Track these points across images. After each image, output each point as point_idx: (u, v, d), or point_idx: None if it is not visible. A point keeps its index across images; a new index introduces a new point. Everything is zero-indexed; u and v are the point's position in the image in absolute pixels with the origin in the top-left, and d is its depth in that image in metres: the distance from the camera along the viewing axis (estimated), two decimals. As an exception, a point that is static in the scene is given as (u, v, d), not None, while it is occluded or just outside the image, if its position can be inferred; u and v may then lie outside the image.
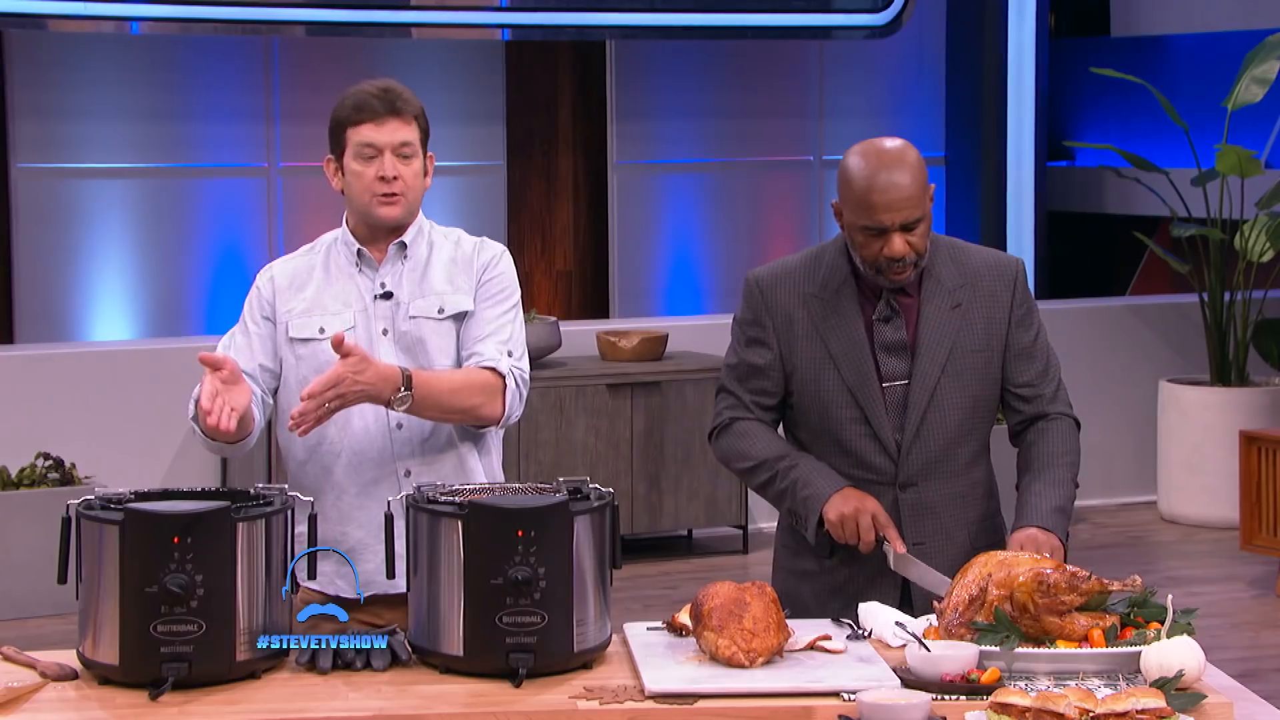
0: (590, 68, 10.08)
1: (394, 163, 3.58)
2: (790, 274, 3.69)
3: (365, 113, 3.59)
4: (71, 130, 9.17)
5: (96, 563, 3.05)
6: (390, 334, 3.61)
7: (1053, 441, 3.70)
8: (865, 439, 3.63)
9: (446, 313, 3.63)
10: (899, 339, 3.62)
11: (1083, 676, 3.09)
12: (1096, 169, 10.31)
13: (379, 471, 3.58)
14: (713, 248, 10.34)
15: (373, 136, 3.58)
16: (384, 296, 3.63)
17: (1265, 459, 7.68)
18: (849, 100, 10.53)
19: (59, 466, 7.43)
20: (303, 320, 3.62)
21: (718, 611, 3.14)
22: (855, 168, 3.54)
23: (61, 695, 3.04)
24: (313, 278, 3.66)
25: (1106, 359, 9.35)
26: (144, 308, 9.30)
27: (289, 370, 3.63)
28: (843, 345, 3.62)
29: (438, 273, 3.66)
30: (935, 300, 3.64)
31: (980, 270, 3.68)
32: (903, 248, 3.52)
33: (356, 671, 3.12)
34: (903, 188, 3.51)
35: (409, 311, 3.62)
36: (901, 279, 3.57)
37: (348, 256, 3.66)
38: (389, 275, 3.64)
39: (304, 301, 3.63)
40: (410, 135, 3.60)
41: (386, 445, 3.59)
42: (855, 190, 3.53)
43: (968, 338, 3.65)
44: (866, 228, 3.52)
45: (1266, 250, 8.72)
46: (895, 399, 3.62)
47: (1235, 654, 6.64)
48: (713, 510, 8.28)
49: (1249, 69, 8.79)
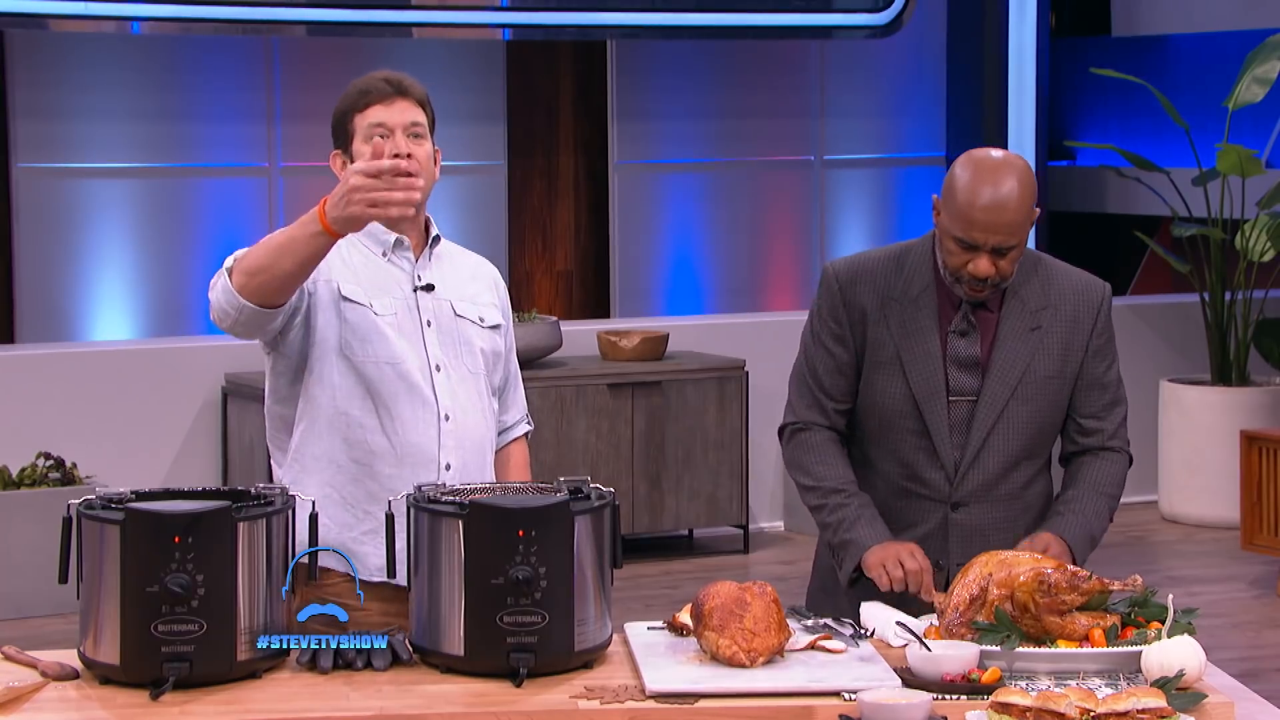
0: (591, 67, 10.08)
1: (406, 142, 3.54)
2: (871, 271, 3.59)
3: (373, 95, 3.56)
4: (72, 130, 9.17)
5: (97, 562, 3.05)
6: (435, 326, 3.57)
7: (1104, 473, 3.64)
8: (923, 453, 3.56)
9: (486, 323, 3.64)
10: (972, 355, 3.55)
11: (1083, 676, 3.09)
12: (1097, 169, 10.31)
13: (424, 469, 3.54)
14: (713, 247, 10.34)
15: (383, 116, 3.54)
16: (425, 289, 3.59)
17: (1266, 459, 7.68)
18: (849, 100, 10.53)
19: (60, 466, 7.43)
20: (354, 288, 3.53)
21: (718, 611, 3.14)
22: (965, 176, 3.44)
23: (62, 695, 3.04)
24: (350, 254, 3.56)
25: (1107, 359, 9.34)
26: (145, 308, 9.30)
27: (329, 330, 3.50)
28: (915, 354, 3.54)
29: (465, 277, 3.66)
30: (1015, 320, 3.56)
31: (1066, 293, 3.60)
32: (988, 269, 3.44)
33: (357, 671, 3.11)
34: (1007, 211, 3.41)
35: (455, 309, 3.60)
36: (978, 297, 3.50)
37: (374, 245, 3.57)
38: (424, 269, 3.60)
39: (351, 271, 3.54)
40: (420, 117, 3.58)
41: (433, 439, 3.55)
42: (959, 200, 3.43)
43: (1043, 362, 3.57)
44: (959, 239, 3.44)
45: (1267, 250, 8.72)
46: (960, 416, 3.55)
47: (1236, 654, 6.64)
48: (713, 510, 8.28)
49: (1250, 69, 8.80)
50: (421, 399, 3.52)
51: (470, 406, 3.57)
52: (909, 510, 3.60)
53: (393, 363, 3.51)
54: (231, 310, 3.35)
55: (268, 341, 3.53)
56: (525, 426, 3.80)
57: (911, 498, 3.58)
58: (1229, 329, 8.88)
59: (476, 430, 3.58)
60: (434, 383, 3.54)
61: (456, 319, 3.60)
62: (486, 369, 3.62)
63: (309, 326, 3.51)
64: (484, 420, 3.61)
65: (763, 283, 10.42)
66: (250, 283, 3.31)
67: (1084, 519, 3.58)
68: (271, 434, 3.64)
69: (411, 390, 3.51)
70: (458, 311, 3.60)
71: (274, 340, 3.52)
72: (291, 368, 3.55)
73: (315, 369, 3.51)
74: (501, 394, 3.71)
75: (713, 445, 8.24)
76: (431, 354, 3.55)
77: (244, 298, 3.32)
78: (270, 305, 3.34)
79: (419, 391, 3.52)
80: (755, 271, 10.43)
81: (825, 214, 10.53)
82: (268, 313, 3.36)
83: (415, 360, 3.53)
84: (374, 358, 3.51)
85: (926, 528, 3.56)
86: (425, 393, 3.52)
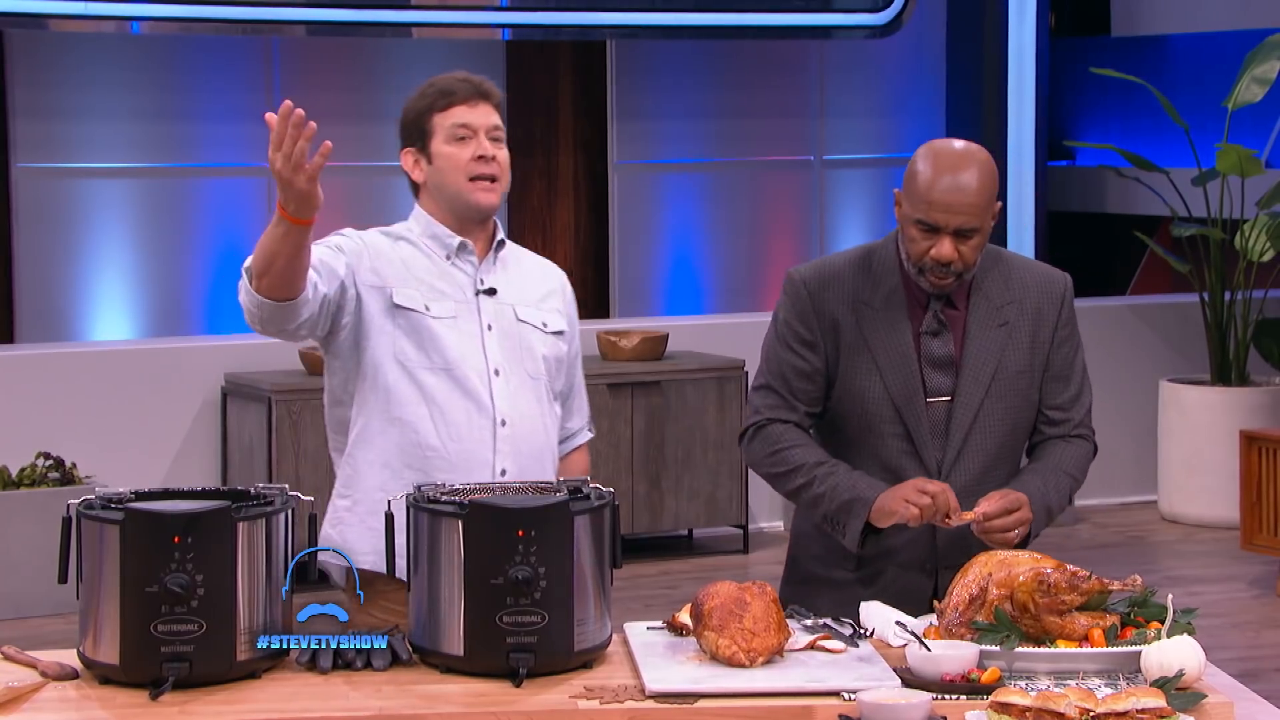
0: (590, 67, 10.08)
1: (489, 144, 3.55)
2: (839, 276, 3.58)
3: (456, 96, 3.57)
4: (72, 130, 9.17)
5: (97, 562, 3.05)
6: (495, 330, 3.58)
7: (1068, 454, 3.64)
8: (906, 456, 3.55)
9: (549, 328, 3.65)
10: (946, 354, 3.54)
11: (1083, 676, 3.09)
12: (1097, 169, 10.31)
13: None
14: (713, 247, 10.35)
15: (467, 117, 3.55)
16: (487, 293, 3.59)
17: (1265, 459, 7.68)
18: (849, 100, 10.53)
19: (59, 466, 7.43)
20: (408, 292, 3.53)
21: (718, 611, 3.14)
22: (925, 160, 3.47)
23: (62, 695, 3.04)
24: (411, 256, 3.57)
25: (1107, 359, 9.35)
26: (144, 308, 9.30)
27: (382, 336, 3.51)
28: (890, 357, 3.53)
29: (530, 282, 3.67)
30: (982, 316, 3.56)
31: (1029, 286, 3.61)
32: (951, 253, 3.44)
33: (357, 671, 3.11)
34: (968, 192, 3.43)
35: (518, 314, 3.61)
36: (942, 285, 3.49)
37: (437, 248, 3.58)
38: (487, 273, 3.61)
39: (411, 276, 3.54)
40: (499, 121, 3.60)
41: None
42: (919, 182, 3.45)
43: (1013, 357, 3.58)
44: (921, 222, 3.44)
45: (1267, 250, 8.72)
46: (938, 417, 3.55)
47: (1236, 654, 6.64)
48: (713, 510, 8.28)
49: (1249, 69, 8.80)
50: (477, 404, 3.53)
51: (529, 412, 3.59)
52: None
53: (448, 368, 3.53)
54: (254, 309, 3.39)
55: (320, 341, 3.56)
56: (588, 434, 3.82)
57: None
58: (1229, 329, 8.88)
59: (535, 436, 3.59)
60: (492, 387, 3.55)
61: (518, 324, 3.61)
62: (549, 375, 3.63)
63: (360, 332, 3.52)
64: (543, 426, 3.61)
65: (762, 283, 10.42)
66: (263, 282, 3.34)
67: (1044, 491, 3.57)
68: (330, 436, 3.66)
69: (467, 395, 3.53)
70: (520, 316, 3.62)
71: (324, 340, 3.55)
72: (346, 371, 3.57)
73: (369, 374, 3.53)
74: (565, 400, 3.73)
75: (712, 445, 8.25)
76: (491, 358, 3.57)
77: (261, 295, 3.35)
78: (286, 299, 3.36)
79: (475, 396, 3.53)
80: (755, 271, 10.43)
81: (825, 214, 10.54)
82: (286, 307, 3.37)
83: (473, 364, 3.55)
84: (428, 363, 3.52)
85: (912, 531, 3.55)
86: (482, 397, 3.54)
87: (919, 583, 3.58)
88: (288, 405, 7.57)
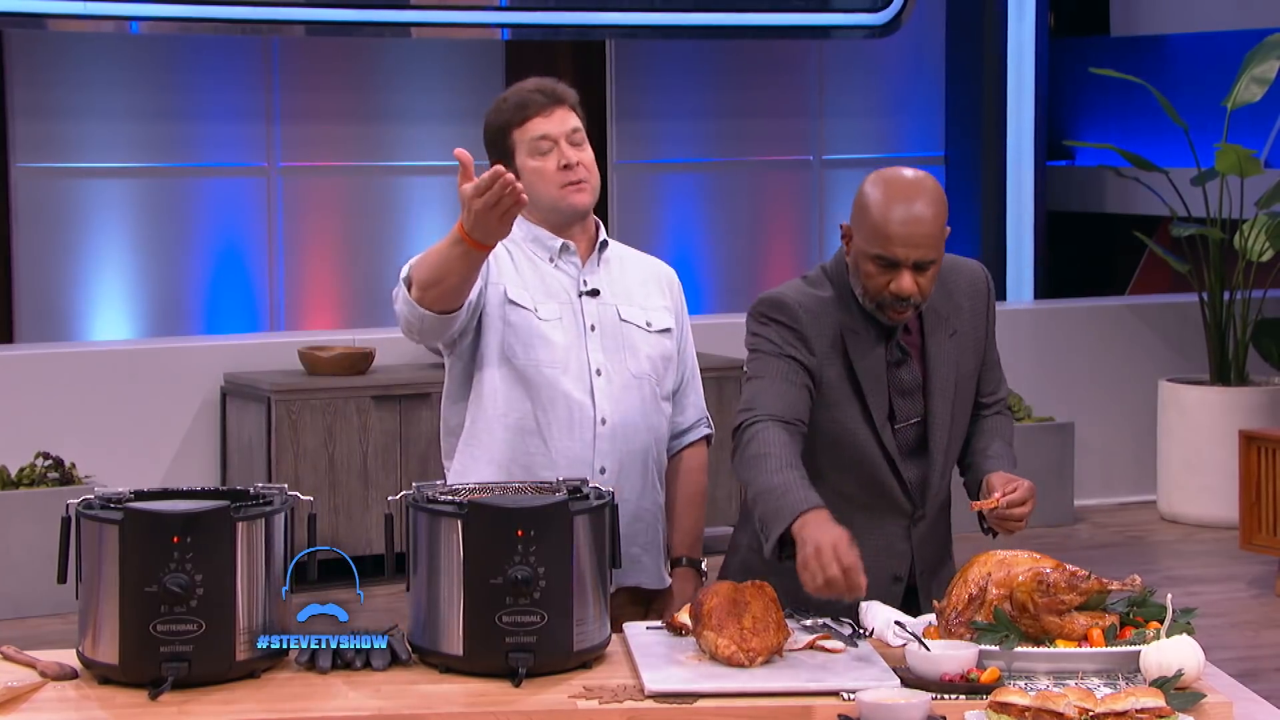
0: (590, 67, 10.08)
1: (571, 150, 3.59)
2: (826, 304, 3.47)
3: (531, 108, 3.60)
4: (71, 130, 9.17)
5: (96, 562, 3.05)
6: (598, 330, 3.61)
7: (1006, 432, 3.67)
8: (887, 476, 3.52)
9: (654, 327, 3.68)
10: (913, 380, 3.52)
11: (1082, 676, 3.09)
12: (1096, 168, 10.31)
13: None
14: (712, 247, 10.34)
15: (545, 128, 3.59)
16: (590, 294, 3.63)
17: (1265, 458, 7.68)
18: (848, 100, 10.53)
19: (59, 466, 7.43)
20: (520, 291, 3.59)
21: (717, 611, 3.14)
22: (876, 194, 3.38)
23: (61, 695, 3.04)
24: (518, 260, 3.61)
25: (1106, 358, 9.35)
26: (144, 307, 9.30)
27: (493, 334, 3.56)
28: (870, 383, 3.48)
29: (635, 281, 3.70)
30: (936, 333, 3.54)
31: (963, 289, 3.59)
32: (911, 287, 3.37)
33: (356, 671, 3.11)
34: (925, 223, 3.36)
35: (620, 314, 3.64)
36: (900, 319, 3.45)
37: (540, 251, 3.62)
38: (590, 274, 3.65)
39: (520, 277, 3.59)
40: (577, 122, 3.63)
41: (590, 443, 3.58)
42: (873, 217, 3.37)
43: (964, 364, 3.58)
44: (879, 257, 3.37)
45: (1266, 250, 8.72)
46: (909, 438, 3.53)
47: (1235, 653, 6.64)
48: (711, 510, 8.24)
49: (1248, 68, 8.80)
50: (579, 403, 3.57)
51: (632, 411, 3.62)
52: (870, 524, 3.53)
53: (551, 367, 3.57)
54: (415, 320, 3.44)
55: (447, 346, 3.60)
56: (704, 429, 3.85)
57: (873, 512, 3.54)
58: (1228, 329, 8.88)
59: (638, 435, 3.62)
60: (593, 387, 3.59)
61: (621, 323, 3.65)
62: (655, 374, 3.66)
63: (480, 329, 3.57)
64: (646, 425, 3.65)
65: (761, 282, 10.42)
66: (426, 295, 3.39)
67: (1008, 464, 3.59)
68: (442, 440, 3.70)
69: (569, 394, 3.57)
70: (623, 316, 3.65)
71: (452, 345, 3.59)
72: (463, 369, 3.61)
73: (482, 372, 3.58)
74: (677, 396, 3.77)
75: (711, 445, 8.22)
76: (593, 358, 3.60)
77: (424, 308, 3.40)
78: (448, 311, 3.42)
79: (576, 395, 3.57)
80: (754, 271, 10.43)
81: (824, 214, 10.53)
82: (447, 318, 3.43)
83: (575, 364, 3.59)
84: (534, 361, 3.56)
85: (888, 539, 3.55)
86: (581, 397, 3.57)
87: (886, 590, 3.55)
88: (287, 405, 7.57)
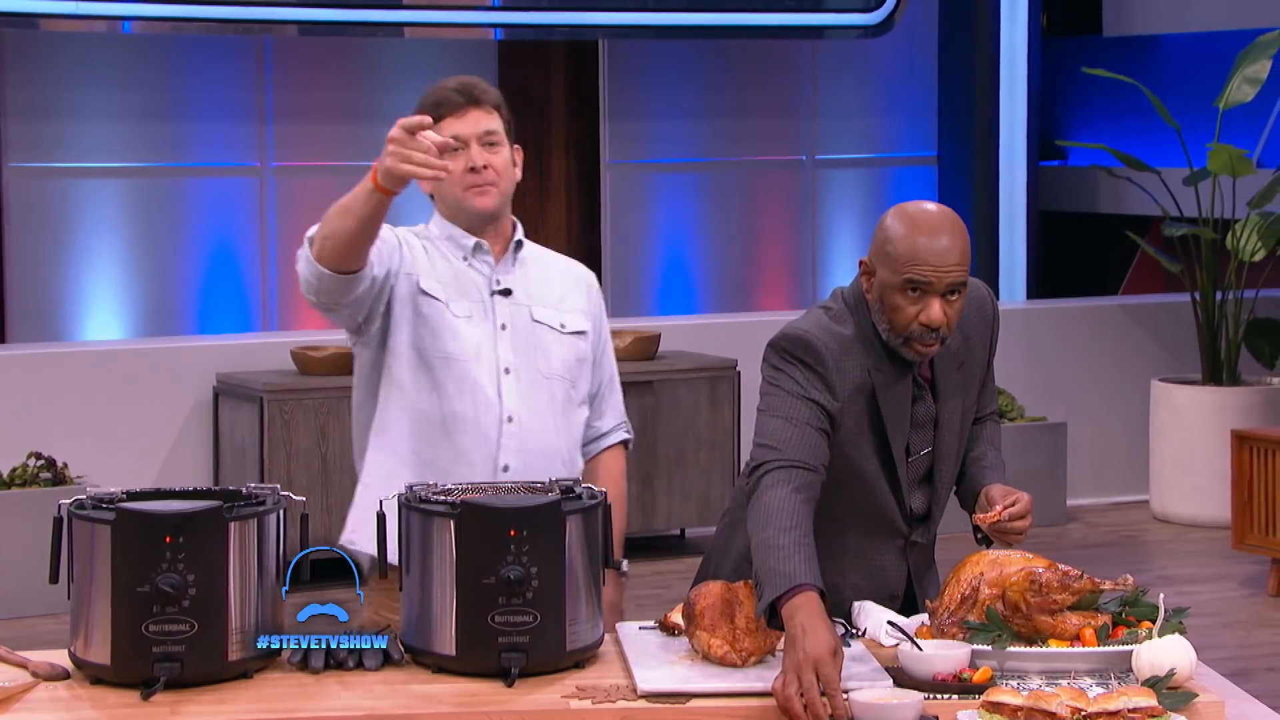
0: (583, 67, 10.08)
1: (481, 152, 3.57)
2: (850, 343, 3.40)
3: (445, 107, 3.58)
4: (64, 130, 9.16)
5: (88, 562, 3.05)
6: (509, 330, 3.61)
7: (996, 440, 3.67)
8: (892, 507, 3.50)
9: (568, 329, 3.66)
10: (927, 414, 3.50)
11: (1075, 675, 3.09)
12: (1088, 168, 10.32)
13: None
14: (705, 247, 10.34)
15: (457, 128, 3.57)
16: (502, 293, 3.62)
17: (1257, 458, 7.69)
18: (841, 100, 10.53)
19: (51, 466, 7.43)
20: (433, 284, 3.59)
21: (710, 611, 3.14)
22: (900, 223, 3.35)
23: (53, 695, 3.04)
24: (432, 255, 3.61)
25: (1098, 358, 9.36)
26: (136, 307, 9.29)
27: (404, 323, 3.55)
28: (894, 421, 3.43)
29: (551, 283, 3.69)
30: (946, 368, 3.50)
31: (973, 320, 3.55)
32: (940, 316, 3.32)
33: (349, 671, 3.11)
34: (953, 246, 3.33)
35: (534, 315, 3.63)
36: (927, 352, 3.38)
37: (454, 249, 3.62)
38: (504, 273, 3.64)
39: (435, 271, 3.59)
40: (494, 124, 3.60)
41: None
42: (900, 245, 3.32)
43: (970, 395, 3.57)
44: (910, 281, 3.31)
45: (1258, 249, 8.73)
46: (919, 469, 3.52)
47: (1227, 653, 6.64)
48: (705, 510, 8.27)
49: (1240, 68, 8.80)
50: (485, 399, 3.56)
51: (540, 411, 3.61)
52: (866, 546, 3.53)
53: (461, 360, 3.56)
54: (313, 279, 3.41)
55: (353, 330, 3.59)
56: (623, 434, 3.85)
57: (871, 537, 3.52)
58: (1220, 328, 8.88)
59: (545, 436, 3.61)
60: (500, 385, 3.58)
61: (534, 324, 3.64)
62: (568, 376, 3.65)
63: (389, 317, 3.56)
64: (555, 427, 3.63)
65: (754, 282, 10.43)
66: (325, 248, 3.37)
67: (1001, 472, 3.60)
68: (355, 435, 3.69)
69: (476, 390, 3.56)
70: (536, 317, 3.64)
71: (359, 329, 3.58)
72: (372, 359, 3.60)
73: (391, 362, 3.57)
74: (594, 400, 3.76)
75: (704, 445, 8.25)
76: (503, 357, 3.59)
77: (321, 265, 3.38)
78: (345, 270, 3.39)
79: (483, 392, 3.56)
80: (747, 271, 10.43)
81: (817, 214, 10.53)
82: (344, 279, 3.41)
83: (485, 361, 3.58)
84: (443, 353, 3.56)
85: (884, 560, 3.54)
86: (489, 394, 3.56)
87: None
88: (279, 405, 7.56)
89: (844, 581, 3.50)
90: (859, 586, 3.51)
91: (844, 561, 3.51)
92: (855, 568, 3.52)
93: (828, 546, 3.40)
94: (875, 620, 3.32)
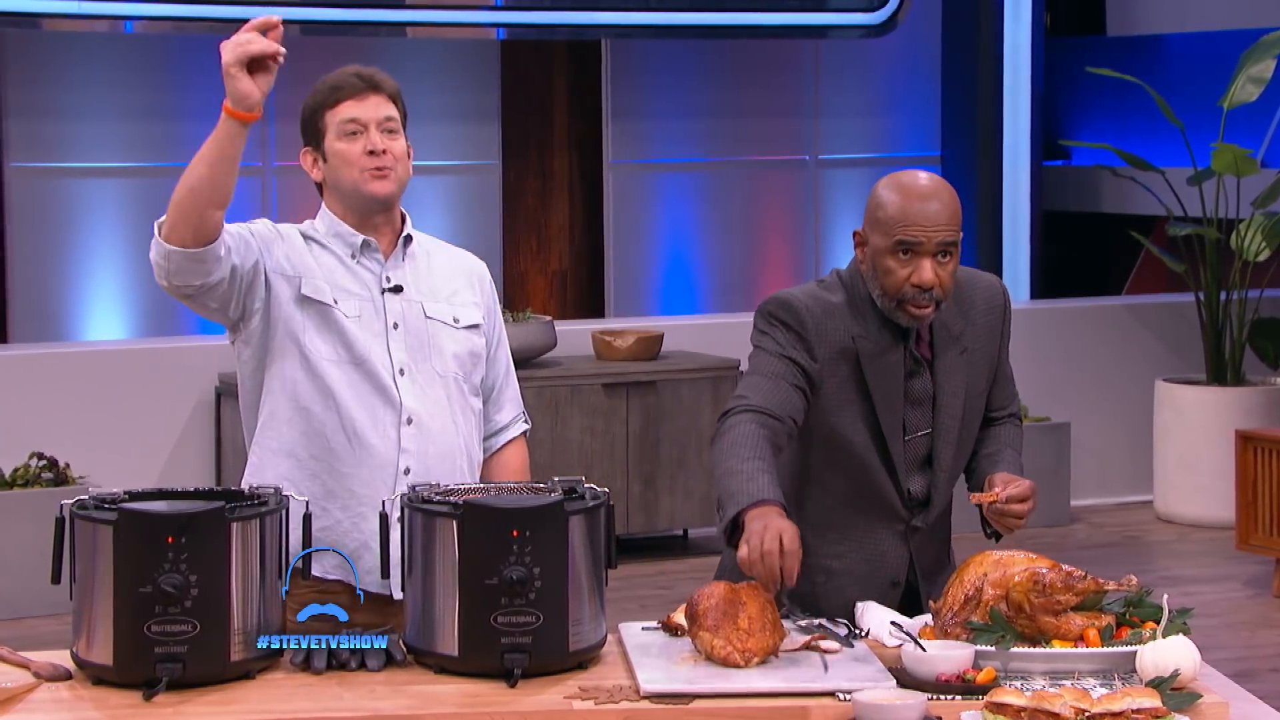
0: (585, 67, 10.08)
1: (381, 137, 3.52)
2: (835, 309, 3.46)
3: (344, 90, 3.55)
4: (65, 130, 9.16)
5: (90, 563, 3.04)
6: (401, 329, 3.54)
7: (1015, 434, 3.68)
8: (888, 486, 3.51)
9: (461, 323, 3.60)
10: (925, 392, 3.51)
11: (1078, 676, 3.09)
12: (1092, 168, 10.32)
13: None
14: (708, 247, 10.34)
15: (355, 112, 3.52)
16: (393, 290, 3.56)
17: (1261, 458, 7.68)
18: (844, 100, 10.53)
19: (53, 466, 7.43)
20: (317, 284, 3.51)
21: (713, 611, 3.14)
22: (890, 188, 3.40)
23: (55, 696, 3.04)
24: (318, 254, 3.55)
25: (1102, 358, 9.35)
26: (138, 307, 9.29)
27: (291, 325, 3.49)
28: (883, 392, 3.46)
29: (442, 276, 3.62)
30: (947, 350, 3.52)
31: (979, 306, 3.58)
32: (931, 277, 3.36)
33: (351, 672, 3.11)
34: (943, 206, 3.37)
35: (426, 311, 3.57)
36: (923, 315, 3.41)
37: (341, 247, 3.55)
38: (394, 270, 3.57)
39: (322, 271, 3.52)
40: (393, 111, 3.55)
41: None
42: (890, 208, 3.37)
43: (975, 383, 3.57)
44: (901, 243, 3.36)
45: (1262, 249, 8.72)
46: (917, 451, 3.52)
47: (1231, 654, 6.64)
48: (708, 510, 8.26)
49: (1245, 68, 8.80)
50: (383, 400, 3.50)
51: (438, 410, 3.55)
52: (865, 527, 3.54)
53: (355, 363, 3.50)
54: (161, 260, 3.38)
55: (232, 326, 3.52)
56: (522, 426, 3.75)
57: (869, 517, 3.53)
58: (1224, 328, 8.88)
59: (444, 435, 3.54)
60: (397, 386, 3.52)
61: (426, 320, 3.57)
62: (462, 371, 3.59)
63: (269, 319, 3.50)
64: (454, 425, 3.57)
65: (757, 282, 10.42)
66: (173, 220, 3.34)
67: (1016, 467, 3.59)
68: (244, 429, 3.62)
69: (373, 392, 3.50)
70: (428, 313, 3.57)
71: (236, 326, 3.51)
72: (255, 359, 3.54)
73: (276, 364, 3.51)
74: (492, 394, 3.69)
75: (707, 445, 8.20)
76: (396, 357, 3.53)
77: (170, 243, 3.34)
78: (195, 244, 3.33)
79: (382, 393, 3.50)
80: (750, 271, 10.43)
81: (820, 214, 10.53)
82: (193, 255, 3.34)
83: (379, 362, 3.51)
84: (334, 357, 3.49)
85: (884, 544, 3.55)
86: (389, 395, 3.51)
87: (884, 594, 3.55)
88: (282, 405, 7.55)
89: (840, 565, 3.51)
90: (856, 571, 3.52)
91: (841, 545, 3.53)
92: (853, 550, 3.53)
93: (823, 525, 3.50)
94: (878, 621, 3.31)
